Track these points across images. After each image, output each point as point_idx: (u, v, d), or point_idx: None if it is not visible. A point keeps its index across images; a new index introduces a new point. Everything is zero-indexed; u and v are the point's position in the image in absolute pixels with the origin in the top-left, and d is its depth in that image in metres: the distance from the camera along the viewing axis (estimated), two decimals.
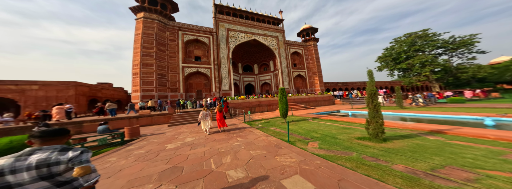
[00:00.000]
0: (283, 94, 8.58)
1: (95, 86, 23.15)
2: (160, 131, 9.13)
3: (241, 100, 16.49)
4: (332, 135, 5.15)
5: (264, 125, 8.66)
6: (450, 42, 23.47)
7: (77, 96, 20.11)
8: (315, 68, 29.09)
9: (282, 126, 7.64)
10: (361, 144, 4.18)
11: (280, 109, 8.55)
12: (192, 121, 11.62)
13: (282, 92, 8.60)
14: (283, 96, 8.55)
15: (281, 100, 8.54)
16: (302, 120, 8.99)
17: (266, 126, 8.29)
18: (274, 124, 8.47)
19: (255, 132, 6.62)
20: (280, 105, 8.55)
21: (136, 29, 19.79)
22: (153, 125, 11.86)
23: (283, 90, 8.64)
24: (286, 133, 6.04)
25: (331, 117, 8.43)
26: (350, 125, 6.52)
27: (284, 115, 8.48)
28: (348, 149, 3.84)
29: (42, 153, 1.21)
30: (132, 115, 11.43)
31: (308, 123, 7.83)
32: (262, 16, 27.83)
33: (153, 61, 19.20)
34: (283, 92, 8.62)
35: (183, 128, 9.75)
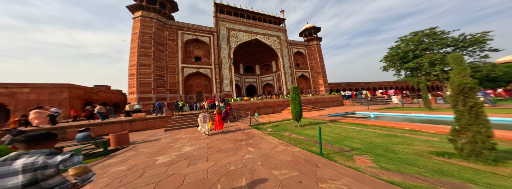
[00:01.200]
0: (296, 93, 7.36)
1: (91, 89, 21.96)
2: (155, 137, 7.87)
3: (244, 101, 15.26)
4: (383, 146, 3.79)
5: (275, 129, 7.40)
6: (460, 40, 22.37)
7: (71, 99, 18.89)
8: (319, 68, 27.95)
9: (298, 131, 6.39)
10: (457, 166, 2.64)
11: (293, 111, 7.30)
12: (191, 125, 10.36)
13: (295, 91, 7.37)
14: (297, 96, 7.32)
15: (294, 100, 7.31)
16: (319, 123, 7.73)
17: (278, 130, 7.04)
18: (286, 128, 7.21)
19: (268, 139, 5.36)
20: (293, 107, 7.31)
21: (134, 28, 18.73)
22: (149, 129, 10.61)
23: (296, 89, 7.42)
24: (307, 140, 4.80)
25: (354, 120, 7.15)
26: (393, 132, 5.07)
27: (298, 117, 7.24)
28: (446, 176, 2.36)
29: (28, 157, 1.18)
30: (125, 119, 10.18)
31: (329, 127, 6.57)
32: (264, 15, 26.89)
33: (151, 61, 18.07)
34: (296, 91, 7.39)
35: (181, 133, 8.49)
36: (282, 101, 16.45)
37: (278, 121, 9.98)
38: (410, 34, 26.83)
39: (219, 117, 7.28)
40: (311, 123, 7.97)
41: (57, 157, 1.24)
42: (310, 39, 29.07)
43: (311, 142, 4.55)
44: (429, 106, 9.10)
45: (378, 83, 37.78)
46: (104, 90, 24.24)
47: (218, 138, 6.62)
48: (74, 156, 1.29)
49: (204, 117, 7.11)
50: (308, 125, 7.54)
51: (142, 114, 10.59)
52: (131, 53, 17.81)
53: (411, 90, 38.77)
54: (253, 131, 7.32)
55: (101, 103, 23.87)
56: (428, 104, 9.07)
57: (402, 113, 8.56)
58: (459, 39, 22.54)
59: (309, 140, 4.74)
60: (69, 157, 1.27)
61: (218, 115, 7.29)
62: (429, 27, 24.59)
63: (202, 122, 7.09)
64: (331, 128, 6.17)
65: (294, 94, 7.36)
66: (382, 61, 29.56)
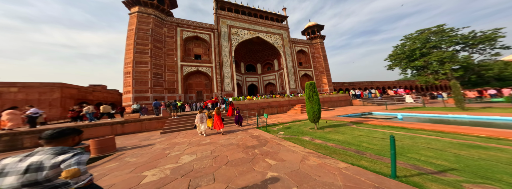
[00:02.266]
0: (313, 90, 6.22)
1: (86, 88, 20.70)
2: (148, 141, 6.69)
3: (247, 101, 14.11)
4: (475, 164, 2.53)
5: (288, 132, 6.26)
6: (470, 38, 21.45)
7: (63, 99, 17.63)
8: (323, 66, 26.90)
9: (319, 135, 5.24)
10: None
11: (310, 111, 6.16)
12: (191, 127, 9.19)
13: (311, 88, 6.23)
14: (314, 93, 6.18)
15: (311, 98, 6.16)
16: (339, 125, 6.58)
17: (292, 133, 5.90)
18: (303, 131, 6.07)
19: (288, 146, 4.21)
20: (309, 106, 6.16)
21: (130, 24, 17.55)
22: (144, 131, 9.41)
23: (313, 86, 6.29)
24: (343, 149, 3.64)
25: (386, 122, 5.86)
26: (468, 139, 3.62)
27: (316, 118, 6.09)
28: None
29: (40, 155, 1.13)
30: (116, 120, 8.99)
31: (358, 131, 5.33)
32: (266, 12, 25.84)
33: (148, 59, 16.89)
34: (313, 88, 6.25)
35: (179, 137, 7.32)
36: (287, 100, 15.33)
37: (288, 122, 8.84)
38: (416, 32, 25.92)
39: (219, 117, 7.00)
40: (330, 125, 6.83)
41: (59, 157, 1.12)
42: (313, 37, 28.05)
43: (351, 151, 3.38)
44: (462, 106, 7.99)
45: (381, 82, 36.84)
46: (100, 90, 22.98)
47: (223, 143, 5.47)
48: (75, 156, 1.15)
49: (202, 117, 6.96)
50: (327, 127, 6.39)
51: (135, 114, 9.39)
52: (126, 50, 16.63)
53: (416, 89, 37.82)
54: (263, 135, 6.17)
55: (97, 103, 22.59)
56: (461, 104, 7.97)
57: (432, 114, 7.36)
58: (468, 36, 21.63)
59: (346, 149, 3.57)
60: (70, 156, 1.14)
61: (217, 115, 7.04)
62: (437, 25, 23.70)
63: (200, 123, 6.92)
64: (363, 132, 4.99)
65: (310, 92, 6.22)
66: (386, 60, 28.65)
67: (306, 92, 6.41)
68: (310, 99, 6.16)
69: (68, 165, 1.11)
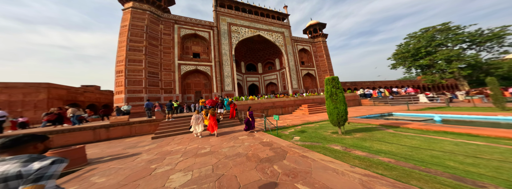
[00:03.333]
0: (336, 86, 5.00)
1: (76, 89, 19.25)
2: (134, 150, 5.40)
3: (250, 101, 12.89)
4: None
5: (306, 137, 5.04)
6: (477, 35, 20.63)
7: (50, 100, 16.17)
8: (326, 66, 25.86)
9: (354, 144, 4.02)
10: None
11: (333, 112, 4.92)
12: (188, 130, 7.91)
13: (334, 84, 5.02)
14: (338, 90, 4.95)
15: (334, 97, 4.94)
16: (369, 129, 5.33)
17: (312, 140, 4.68)
18: (325, 137, 4.84)
19: (322, 162, 2.97)
20: (332, 106, 4.93)
21: (123, 20, 16.28)
22: (133, 136, 8.10)
23: (337, 81, 5.07)
24: (409, 167, 2.43)
25: (434, 127, 4.58)
26: None
27: (341, 121, 4.86)
28: None
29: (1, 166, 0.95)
30: (99, 124, 7.67)
31: (406, 138, 4.00)
32: (266, 10, 24.80)
33: (142, 56, 15.59)
34: (337, 83, 5.04)
35: (173, 143, 6.04)
36: (293, 100, 14.13)
37: (300, 125, 7.62)
38: (420, 30, 25.12)
39: (214, 118, 6.60)
40: (354, 128, 5.61)
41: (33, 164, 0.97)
42: (315, 36, 27.06)
43: (444, 177, 2.10)
44: (503, 106, 6.84)
45: (383, 82, 35.97)
46: (92, 91, 21.54)
47: (227, 153, 4.22)
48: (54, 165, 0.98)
49: (197, 118, 6.60)
50: (355, 131, 5.16)
51: (123, 117, 8.08)
52: (119, 47, 15.32)
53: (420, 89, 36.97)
54: (275, 141, 4.93)
55: (89, 105, 21.12)
56: (501, 103, 6.83)
57: (474, 115, 6.12)
58: (475, 34, 20.81)
59: (428, 172, 2.22)
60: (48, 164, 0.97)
61: (212, 116, 6.64)
62: (441, 23, 22.88)
63: (195, 124, 6.55)
64: (418, 141, 3.59)
65: (333, 88, 4.99)
66: (390, 59, 27.78)
67: (326, 89, 5.19)
68: (333, 97, 4.94)
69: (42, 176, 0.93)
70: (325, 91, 5.23)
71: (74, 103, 18.63)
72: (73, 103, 18.45)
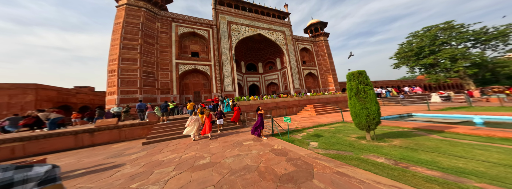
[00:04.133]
0: (365, 82, 4.07)
1: (67, 90, 18.10)
2: (118, 159, 4.42)
3: (252, 101, 11.96)
4: None
5: (325, 144, 4.12)
6: (481, 33, 20.07)
7: (39, 102, 15.02)
8: (328, 65, 25.09)
9: (396, 154, 3.10)
10: None
11: (361, 114, 3.97)
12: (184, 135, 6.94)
13: (362, 79, 4.09)
14: (367, 86, 4.02)
15: (362, 95, 4.01)
16: (405, 134, 4.38)
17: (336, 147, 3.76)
18: (351, 143, 3.94)
19: (376, 185, 2.05)
20: (360, 106, 3.99)
21: (117, 17, 15.33)
22: (123, 141, 7.10)
23: (364, 76, 4.14)
24: None
25: (498, 132, 3.61)
26: None
27: (372, 124, 3.90)
28: None
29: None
30: (82, 128, 6.67)
31: (475, 148, 3.04)
32: (267, 9, 24.05)
33: (137, 55, 14.61)
34: (365, 78, 4.10)
35: (166, 150, 5.08)
36: (297, 100, 13.24)
37: (311, 127, 6.71)
38: (423, 29, 24.57)
39: (208, 120, 6.26)
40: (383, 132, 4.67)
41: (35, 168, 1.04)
42: (317, 35, 26.34)
43: None
44: None
45: (385, 82, 35.34)
46: (85, 92, 20.40)
47: (232, 165, 3.29)
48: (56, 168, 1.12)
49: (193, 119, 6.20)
50: (388, 136, 4.24)
51: (111, 120, 7.08)
52: (111, 45, 14.33)
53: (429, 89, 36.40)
54: (290, 149, 4.01)
55: (82, 107, 19.98)
56: None
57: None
58: (480, 32, 20.26)
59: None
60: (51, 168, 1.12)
61: (207, 118, 6.31)
62: (445, 21, 22.34)
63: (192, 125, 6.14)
64: (497, 154, 2.68)
65: (360, 84, 4.04)
66: (392, 58, 27.16)
67: (350, 86, 4.25)
68: (360, 95, 4.02)
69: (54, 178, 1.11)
70: (348, 89, 4.33)
71: (65, 105, 17.52)
72: (63, 105, 17.34)
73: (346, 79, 4.36)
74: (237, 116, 8.19)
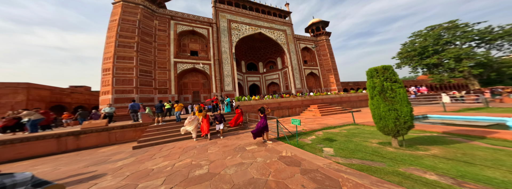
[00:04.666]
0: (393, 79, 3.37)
1: (62, 90, 17.38)
2: (99, 168, 3.73)
3: (254, 101, 11.32)
4: None
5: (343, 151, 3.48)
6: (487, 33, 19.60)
7: (31, 102, 14.28)
8: (330, 65, 24.52)
9: (452, 169, 2.45)
10: None
11: (386, 116, 3.29)
12: (181, 137, 6.28)
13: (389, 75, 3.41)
14: (396, 84, 3.31)
15: (388, 94, 3.31)
16: (438, 140, 3.71)
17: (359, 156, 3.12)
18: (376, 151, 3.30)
19: None
20: (386, 107, 3.31)
21: (112, 14, 14.70)
22: (113, 144, 6.43)
23: (391, 71, 3.46)
24: None
25: None
26: None
27: (402, 128, 3.22)
28: None
29: None
30: (65, 131, 6.00)
31: None
32: (268, 7, 23.50)
33: (133, 53, 13.96)
34: (393, 74, 3.41)
35: (158, 156, 4.43)
36: (300, 100, 12.61)
37: (320, 130, 6.07)
38: (426, 28, 24.11)
39: (206, 120, 5.99)
40: (413, 138, 3.97)
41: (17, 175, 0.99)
42: (318, 34, 25.80)
43: None
44: None
45: None
46: (81, 92, 19.67)
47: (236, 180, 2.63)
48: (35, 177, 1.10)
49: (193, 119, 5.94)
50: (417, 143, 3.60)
51: (100, 121, 6.42)
52: (106, 43, 13.68)
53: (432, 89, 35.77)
54: (302, 156, 3.37)
55: (77, 107, 19.22)
56: None
57: None
58: (485, 31, 19.78)
59: None
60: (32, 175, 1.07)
61: (204, 118, 6.07)
62: (449, 21, 21.88)
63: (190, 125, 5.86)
64: None
65: (386, 82, 3.33)
66: (395, 58, 26.67)
67: (371, 84, 3.56)
68: (386, 94, 3.33)
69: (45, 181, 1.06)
70: (368, 87, 3.68)
71: (59, 105, 16.80)
72: (57, 105, 16.63)
73: (367, 76, 3.72)
74: (238, 119, 7.36)
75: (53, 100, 16.27)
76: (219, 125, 6.08)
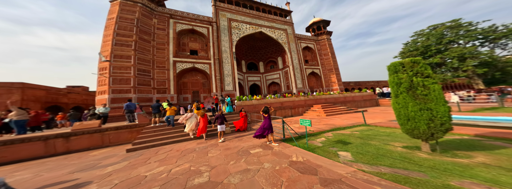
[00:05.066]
0: (425, 74, 2.94)
1: (58, 90, 16.91)
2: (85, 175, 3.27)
3: (255, 101, 10.90)
4: None
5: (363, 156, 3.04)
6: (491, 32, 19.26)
7: (26, 102, 13.82)
8: (331, 64, 24.14)
9: None
10: None
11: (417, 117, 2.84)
12: (179, 139, 5.83)
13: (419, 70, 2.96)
14: (428, 79, 2.86)
15: (420, 91, 2.83)
16: (476, 145, 3.23)
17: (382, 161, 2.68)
18: (406, 157, 2.87)
19: None
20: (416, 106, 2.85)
21: (110, 12, 14.28)
22: (106, 147, 5.98)
23: (423, 65, 3.04)
24: None
25: None
26: None
27: (437, 131, 2.74)
28: None
29: None
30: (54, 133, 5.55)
31: None
32: (268, 6, 23.15)
33: (131, 52, 13.53)
34: (424, 68, 2.99)
35: (153, 160, 3.98)
36: (303, 100, 12.18)
37: (328, 131, 5.65)
38: (428, 27, 23.77)
39: (204, 120, 5.76)
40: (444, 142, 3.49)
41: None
42: (319, 34, 25.44)
43: None
44: None
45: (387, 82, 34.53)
46: (78, 92, 19.21)
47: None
48: None
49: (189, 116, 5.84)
50: (451, 147, 3.17)
51: (93, 122, 5.97)
52: (103, 42, 13.25)
53: None
54: (317, 162, 2.93)
55: (74, 107, 18.76)
56: None
57: None
58: (489, 30, 19.45)
59: None
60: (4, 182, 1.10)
61: (202, 118, 5.81)
62: (452, 19, 21.55)
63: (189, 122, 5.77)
64: None
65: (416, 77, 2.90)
66: (397, 57, 26.32)
67: (395, 80, 3.12)
68: (417, 91, 2.84)
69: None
70: (392, 83, 3.25)
71: (55, 105, 16.33)
72: (53, 105, 16.15)
73: (389, 72, 3.30)
74: (243, 122, 6.73)
75: (49, 100, 15.80)
76: (220, 126, 5.53)
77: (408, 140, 3.73)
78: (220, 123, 5.51)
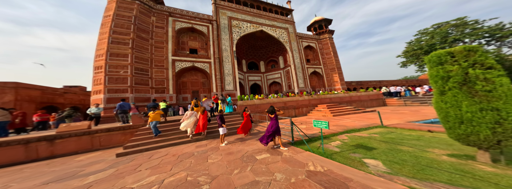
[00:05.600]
0: (487, 64, 2.29)
1: (54, 90, 16.33)
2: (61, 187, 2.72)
3: (258, 101, 10.34)
4: None
5: (402, 167, 2.47)
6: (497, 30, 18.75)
7: (19, 102, 13.26)
8: (333, 63, 23.60)
9: None
10: None
11: (472, 119, 2.24)
12: (175, 142, 5.27)
13: (477, 60, 2.32)
14: (491, 71, 2.23)
15: (480, 86, 2.22)
16: None
17: (428, 175, 2.11)
18: (459, 169, 2.32)
19: None
20: (474, 106, 2.23)
21: (106, 10, 13.77)
22: (96, 150, 5.42)
23: (481, 54, 2.37)
24: None
25: None
26: None
27: (506, 138, 2.13)
28: None
29: None
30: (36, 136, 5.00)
31: None
32: (269, 4, 22.65)
33: (128, 50, 12.99)
34: (485, 57, 2.34)
35: (144, 167, 3.40)
36: (307, 100, 11.62)
37: (343, 133, 5.09)
38: (432, 26, 23.28)
39: (203, 117, 5.41)
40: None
41: None
42: (321, 32, 24.92)
43: None
44: None
45: (390, 81, 33.92)
46: (75, 92, 18.64)
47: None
48: None
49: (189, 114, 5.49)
50: None
51: (81, 123, 5.42)
52: (99, 40, 12.73)
53: None
54: (341, 173, 2.37)
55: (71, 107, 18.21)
56: None
57: None
58: (496, 28, 18.93)
59: None
60: None
61: (202, 114, 5.42)
62: (457, 18, 21.04)
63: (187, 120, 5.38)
64: None
65: (474, 69, 2.28)
66: (400, 56, 25.81)
67: (447, 73, 2.46)
68: (476, 86, 2.25)
69: None
70: (434, 78, 2.61)
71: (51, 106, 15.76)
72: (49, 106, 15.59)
73: (430, 64, 2.68)
74: (247, 124, 5.74)
75: (45, 100, 15.23)
76: (222, 129, 4.83)
77: (448, 146, 3.15)
78: (220, 125, 4.86)
